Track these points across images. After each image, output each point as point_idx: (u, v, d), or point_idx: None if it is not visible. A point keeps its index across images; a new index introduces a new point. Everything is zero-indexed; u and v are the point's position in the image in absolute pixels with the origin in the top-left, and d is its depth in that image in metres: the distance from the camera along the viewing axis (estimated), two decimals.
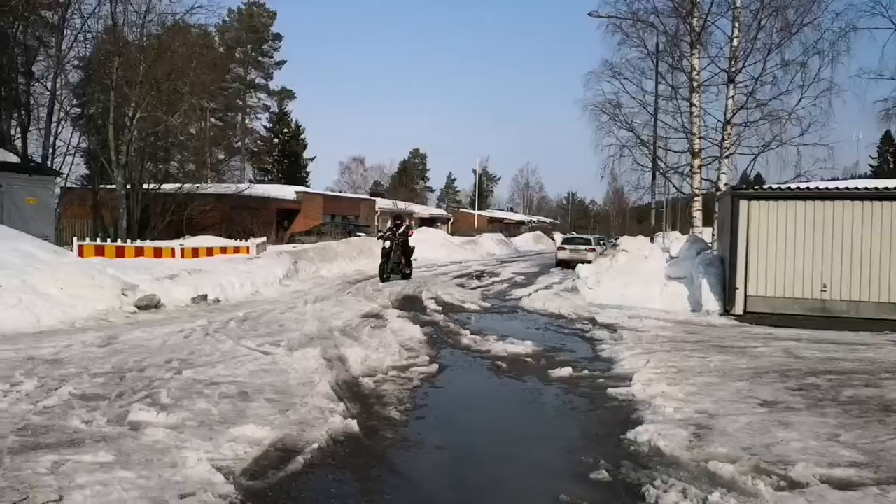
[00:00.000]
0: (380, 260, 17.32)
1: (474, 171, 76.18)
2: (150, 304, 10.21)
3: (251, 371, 6.39)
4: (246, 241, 19.85)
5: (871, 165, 62.75)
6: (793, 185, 13.10)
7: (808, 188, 12.20)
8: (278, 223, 34.15)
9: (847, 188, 12.06)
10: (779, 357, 7.99)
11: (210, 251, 17.50)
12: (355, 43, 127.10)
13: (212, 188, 32.07)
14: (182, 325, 8.92)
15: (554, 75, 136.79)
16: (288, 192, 39.25)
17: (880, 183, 12.69)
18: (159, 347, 7.34)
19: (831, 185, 12.84)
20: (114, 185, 23.79)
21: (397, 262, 17.33)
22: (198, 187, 29.59)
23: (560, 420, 5.60)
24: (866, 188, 11.93)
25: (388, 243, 17.18)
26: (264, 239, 21.09)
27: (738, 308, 11.86)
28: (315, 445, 4.42)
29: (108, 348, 7.20)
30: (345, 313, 10.72)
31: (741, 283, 11.88)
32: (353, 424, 4.86)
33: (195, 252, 16.86)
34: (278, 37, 59.92)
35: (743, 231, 11.91)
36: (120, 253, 15.62)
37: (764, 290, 11.79)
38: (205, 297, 11.35)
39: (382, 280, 16.69)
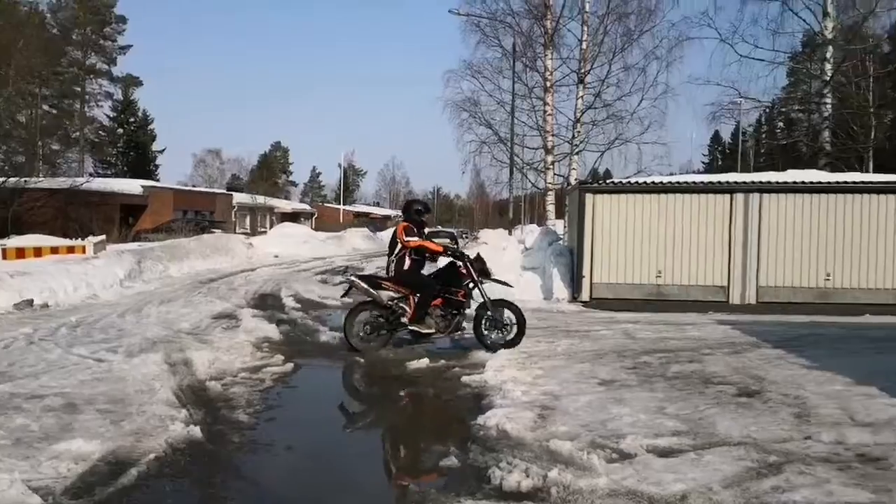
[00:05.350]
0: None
1: (339, 166, 75.35)
2: None
3: (82, 381, 5.90)
4: (83, 239, 18.26)
5: (703, 162, 69.34)
6: (633, 180, 14.06)
7: (646, 182, 13.15)
8: (122, 220, 31.82)
9: (679, 182, 13.14)
10: (618, 339, 8.56)
11: (38, 252, 15.83)
12: (209, 30, 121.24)
13: (44, 182, 29.22)
14: (1, 333, 8.06)
15: (419, 70, 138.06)
16: (133, 186, 36.87)
17: (709, 178, 13.93)
18: None
19: (666, 179, 13.90)
20: None
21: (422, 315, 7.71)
22: (26, 181, 26.81)
23: (415, 410, 5.70)
24: (695, 182, 13.07)
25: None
26: (103, 237, 19.48)
27: (585, 295, 12.58)
28: (152, 456, 4.17)
29: None
30: (193, 315, 10.18)
31: (587, 272, 12.61)
32: (196, 431, 4.64)
33: (20, 253, 15.20)
34: (122, 19, 55.64)
35: (589, 223, 12.64)
36: None
37: (607, 278, 12.60)
38: (30, 303, 10.34)
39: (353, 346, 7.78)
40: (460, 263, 7.83)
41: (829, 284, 12.01)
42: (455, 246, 7.83)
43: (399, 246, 7.86)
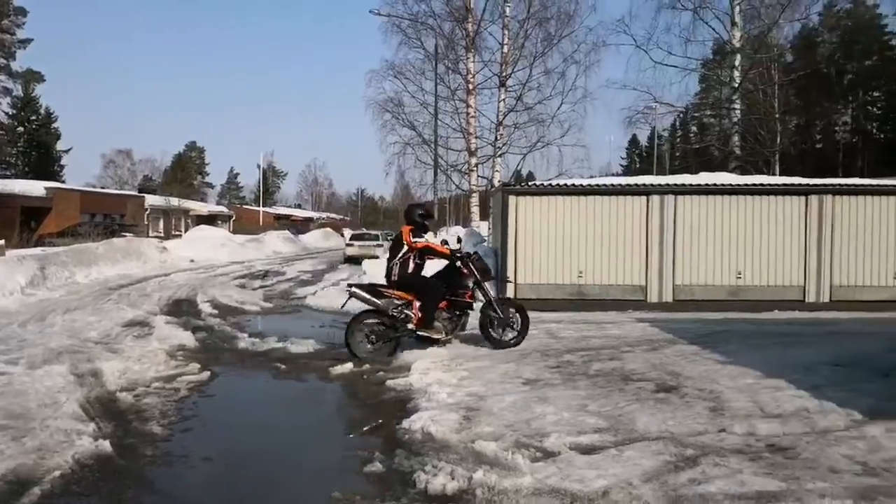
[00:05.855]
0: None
1: (258, 166, 73.53)
2: None
3: None
4: None
5: (621, 165, 71.85)
6: (555, 182, 14.32)
7: (566, 184, 13.43)
8: (24, 223, 29.97)
9: (598, 184, 13.48)
10: (542, 338, 8.67)
11: None
12: (118, 25, 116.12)
13: None
14: None
15: (341, 69, 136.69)
16: (36, 187, 34.98)
17: (627, 180, 14.36)
18: None
19: (586, 181, 14.23)
20: None
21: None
22: None
23: (339, 416, 5.62)
24: (614, 185, 13.44)
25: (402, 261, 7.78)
26: (2, 242, 18.30)
27: (510, 295, 12.69)
28: (57, 473, 3.94)
29: None
30: (103, 323, 9.68)
31: (512, 273, 12.75)
32: (106, 445, 4.40)
33: None
34: (22, 11, 52.40)
35: (512, 224, 12.78)
36: None
37: (531, 278, 12.77)
38: None
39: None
40: (460, 264, 7.84)
41: (741, 282, 12.61)
42: (458, 247, 7.72)
43: (405, 249, 7.73)
